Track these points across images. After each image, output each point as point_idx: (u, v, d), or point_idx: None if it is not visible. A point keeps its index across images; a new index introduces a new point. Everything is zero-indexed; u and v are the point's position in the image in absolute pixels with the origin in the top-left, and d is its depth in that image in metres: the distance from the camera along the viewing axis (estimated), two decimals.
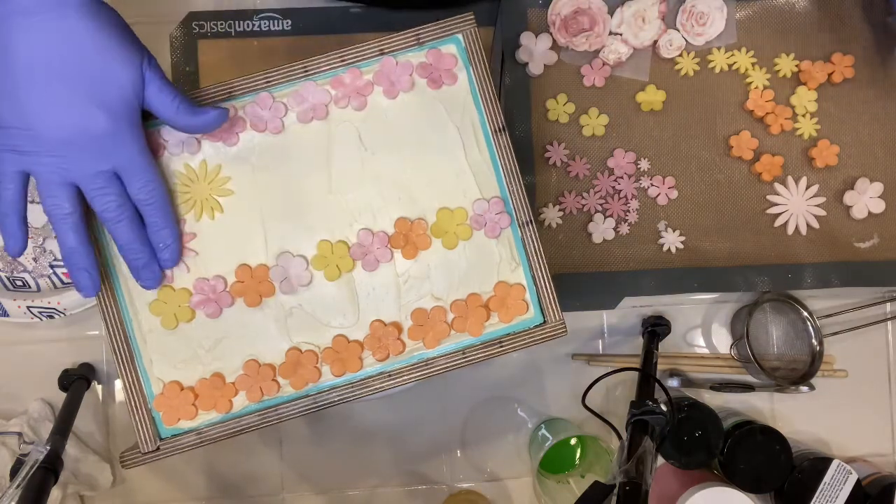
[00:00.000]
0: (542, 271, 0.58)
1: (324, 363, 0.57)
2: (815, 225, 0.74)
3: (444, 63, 0.57)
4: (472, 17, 0.57)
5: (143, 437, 0.56)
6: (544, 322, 0.58)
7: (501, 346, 0.57)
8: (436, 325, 0.57)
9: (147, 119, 0.54)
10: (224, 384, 0.57)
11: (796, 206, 0.74)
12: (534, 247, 0.58)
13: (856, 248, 0.75)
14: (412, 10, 0.73)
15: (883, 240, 0.75)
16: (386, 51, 0.57)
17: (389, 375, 0.57)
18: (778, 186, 0.74)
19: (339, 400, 0.57)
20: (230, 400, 0.56)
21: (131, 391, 0.56)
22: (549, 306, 0.58)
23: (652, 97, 0.73)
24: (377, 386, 0.57)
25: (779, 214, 0.74)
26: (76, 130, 0.49)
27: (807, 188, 0.74)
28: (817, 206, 0.74)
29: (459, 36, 0.57)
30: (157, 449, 0.56)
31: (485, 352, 0.57)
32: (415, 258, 0.57)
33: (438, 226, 0.57)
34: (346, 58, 0.56)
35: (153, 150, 0.56)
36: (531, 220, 0.58)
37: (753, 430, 0.71)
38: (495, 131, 0.57)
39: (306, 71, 0.56)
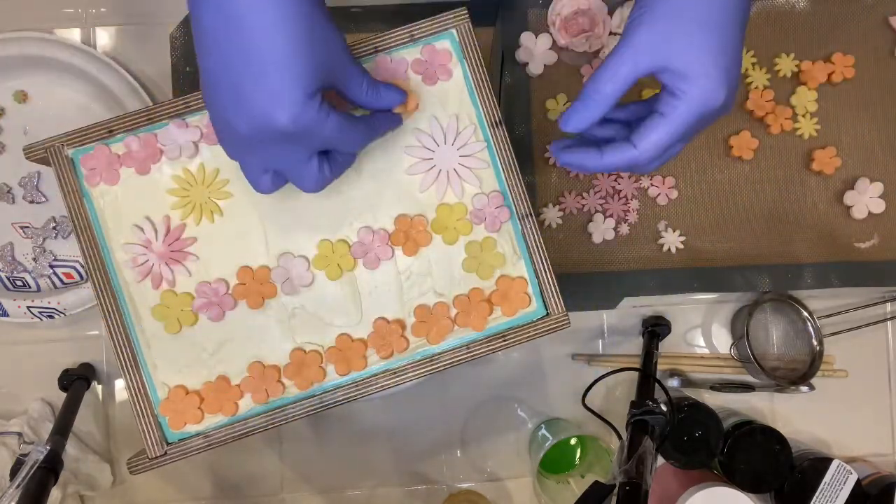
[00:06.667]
0: (543, 264, 0.58)
1: (328, 363, 0.57)
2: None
3: (439, 59, 0.57)
4: (466, 12, 0.57)
5: (150, 443, 0.56)
6: (547, 314, 0.58)
7: (505, 340, 0.57)
8: (439, 320, 0.57)
9: None
10: (229, 387, 0.56)
11: None
12: (534, 239, 0.58)
13: (856, 248, 0.75)
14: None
15: (883, 240, 0.75)
16: (380, 48, 0.56)
17: (394, 373, 0.57)
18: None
19: (344, 399, 0.56)
20: (236, 402, 0.56)
21: (136, 396, 0.56)
22: (552, 298, 0.58)
23: None
24: (382, 384, 0.57)
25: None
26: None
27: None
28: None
29: (453, 31, 0.57)
30: (165, 454, 0.56)
31: (489, 346, 0.57)
32: (416, 255, 0.57)
33: (438, 222, 0.57)
34: None
35: (151, 155, 0.56)
36: (531, 213, 0.57)
37: (753, 430, 0.71)
38: (492, 125, 0.57)
39: None
